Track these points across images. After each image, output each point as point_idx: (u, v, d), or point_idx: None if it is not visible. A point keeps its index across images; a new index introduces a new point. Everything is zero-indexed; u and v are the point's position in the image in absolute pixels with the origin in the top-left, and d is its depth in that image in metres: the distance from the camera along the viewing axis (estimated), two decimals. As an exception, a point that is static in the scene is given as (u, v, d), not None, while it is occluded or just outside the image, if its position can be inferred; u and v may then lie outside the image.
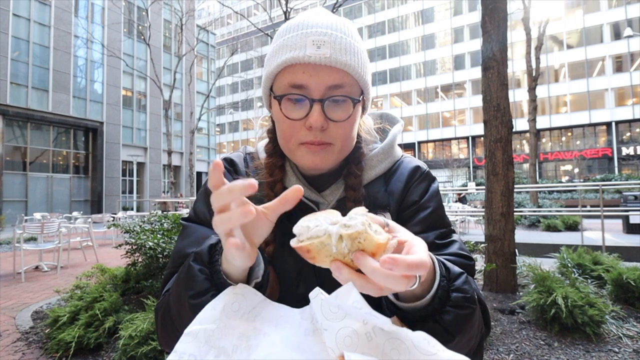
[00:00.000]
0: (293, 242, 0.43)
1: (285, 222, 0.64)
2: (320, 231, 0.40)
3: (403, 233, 0.45)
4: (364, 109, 0.69)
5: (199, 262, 0.54)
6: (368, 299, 0.49)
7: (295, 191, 0.46)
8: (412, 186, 0.70)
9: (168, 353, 0.53)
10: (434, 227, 0.65)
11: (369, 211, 0.45)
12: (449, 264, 0.52)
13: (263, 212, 0.49)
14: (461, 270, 0.52)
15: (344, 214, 0.51)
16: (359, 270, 0.41)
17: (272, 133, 0.72)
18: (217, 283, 0.52)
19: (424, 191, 0.69)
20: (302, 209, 0.64)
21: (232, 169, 0.74)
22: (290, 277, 0.65)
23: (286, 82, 0.60)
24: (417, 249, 0.40)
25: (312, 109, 0.59)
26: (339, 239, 0.40)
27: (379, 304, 0.52)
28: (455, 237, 0.66)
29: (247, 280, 0.54)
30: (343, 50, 0.59)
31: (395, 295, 0.50)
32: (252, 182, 0.41)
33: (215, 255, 0.54)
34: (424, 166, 0.73)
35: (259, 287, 0.54)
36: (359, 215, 0.41)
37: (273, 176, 0.68)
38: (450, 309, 0.48)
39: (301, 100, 0.60)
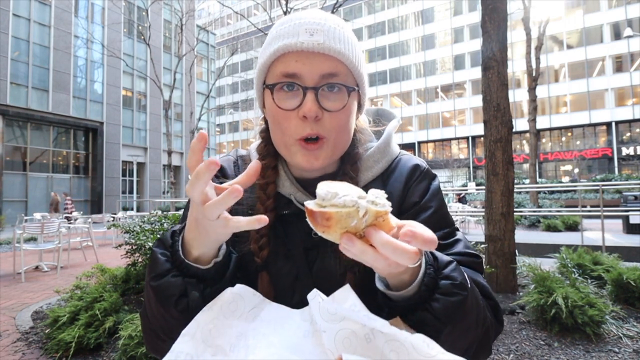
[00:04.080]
0: (311, 205, 0.41)
1: (279, 227, 0.64)
2: (349, 202, 0.40)
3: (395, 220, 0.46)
4: (360, 107, 0.67)
5: (161, 246, 0.55)
6: (366, 302, 0.49)
7: (255, 166, 0.50)
8: (411, 186, 0.67)
9: (155, 358, 0.53)
10: (437, 228, 0.62)
11: None
12: (437, 253, 0.51)
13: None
14: (450, 259, 0.52)
15: None
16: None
17: (264, 133, 0.70)
18: (177, 263, 0.53)
19: (425, 191, 0.67)
20: (295, 215, 0.64)
21: (220, 175, 0.71)
22: (284, 285, 0.63)
23: (279, 72, 0.59)
24: (421, 228, 0.41)
25: (306, 97, 0.57)
26: (364, 213, 0.40)
27: (376, 306, 0.51)
28: (459, 235, 0.64)
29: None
30: (337, 38, 0.58)
31: (387, 285, 0.51)
32: (214, 160, 0.44)
33: (175, 237, 0.55)
34: (423, 164, 0.70)
35: (220, 267, 0.55)
36: (383, 196, 0.42)
37: (265, 178, 0.65)
38: (440, 296, 0.48)
39: (294, 88, 0.58)
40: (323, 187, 0.42)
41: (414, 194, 0.66)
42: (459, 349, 0.49)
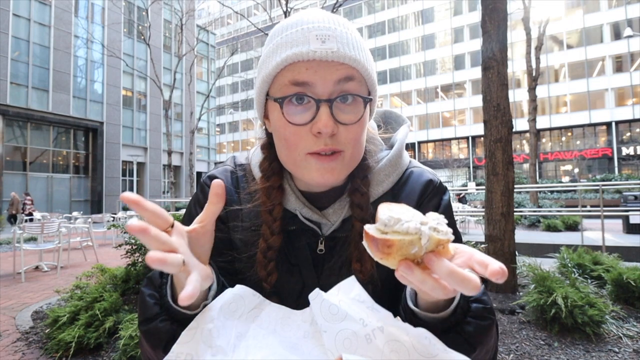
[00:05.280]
0: (372, 230, 0.40)
1: (284, 243, 0.62)
2: (413, 229, 0.38)
3: None
4: (370, 114, 0.62)
5: (150, 286, 0.52)
6: (373, 295, 0.49)
7: (217, 186, 0.45)
8: (423, 202, 0.64)
9: None
10: None
11: None
12: None
13: (200, 226, 0.48)
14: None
15: (349, 235, 0.55)
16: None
17: (267, 149, 0.64)
18: (165, 307, 0.50)
19: (436, 207, 0.64)
20: (302, 231, 0.62)
21: None
22: (290, 301, 0.60)
23: (287, 81, 0.53)
24: (483, 256, 0.39)
25: (320, 110, 0.52)
26: (426, 241, 0.38)
27: (380, 299, 0.51)
28: None
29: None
30: (350, 44, 0.53)
31: (416, 305, 0.49)
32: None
33: (164, 279, 0.51)
34: (436, 178, 0.67)
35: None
36: (443, 222, 0.40)
37: (271, 199, 0.61)
38: (471, 319, 0.48)
39: (306, 101, 0.53)
40: (385, 212, 0.40)
41: (425, 210, 0.63)
42: None
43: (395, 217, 0.39)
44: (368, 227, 0.40)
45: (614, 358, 2.62)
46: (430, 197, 0.65)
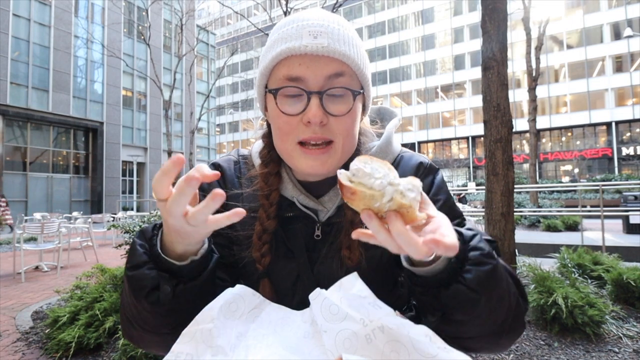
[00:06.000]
0: (342, 177, 0.42)
1: (280, 229, 0.64)
2: (377, 186, 0.41)
3: (431, 209, 0.46)
4: (364, 108, 0.66)
5: (141, 237, 0.55)
6: (374, 290, 0.49)
7: (176, 159, 0.44)
8: None
9: (155, 357, 0.53)
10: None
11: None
12: (460, 229, 0.52)
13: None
14: (475, 232, 0.52)
15: (342, 221, 0.53)
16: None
17: (267, 137, 0.68)
18: (153, 256, 0.52)
19: (430, 185, 0.68)
20: (299, 217, 0.64)
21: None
22: (285, 285, 0.63)
23: (282, 75, 0.57)
24: (446, 230, 0.41)
25: (310, 102, 0.56)
26: (389, 200, 0.41)
27: (384, 293, 0.51)
28: (469, 224, 0.65)
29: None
30: (341, 40, 0.57)
31: (410, 262, 0.50)
32: (194, 176, 0.43)
33: (155, 232, 0.54)
34: (426, 160, 0.71)
35: (197, 265, 0.53)
36: (416, 189, 0.42)
37: (268, 185, 0.65)
38: (471, 267, 0.48)
39: (298, 93, 0.57)
40: (357, 163, 0.43)
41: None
42: (498, 320, 0.50)
43: (366, 172, 0.42)
44: (340, 172, 0.43)
45: (614, 358, 2.62)
46: (423, 177, 0.68)
